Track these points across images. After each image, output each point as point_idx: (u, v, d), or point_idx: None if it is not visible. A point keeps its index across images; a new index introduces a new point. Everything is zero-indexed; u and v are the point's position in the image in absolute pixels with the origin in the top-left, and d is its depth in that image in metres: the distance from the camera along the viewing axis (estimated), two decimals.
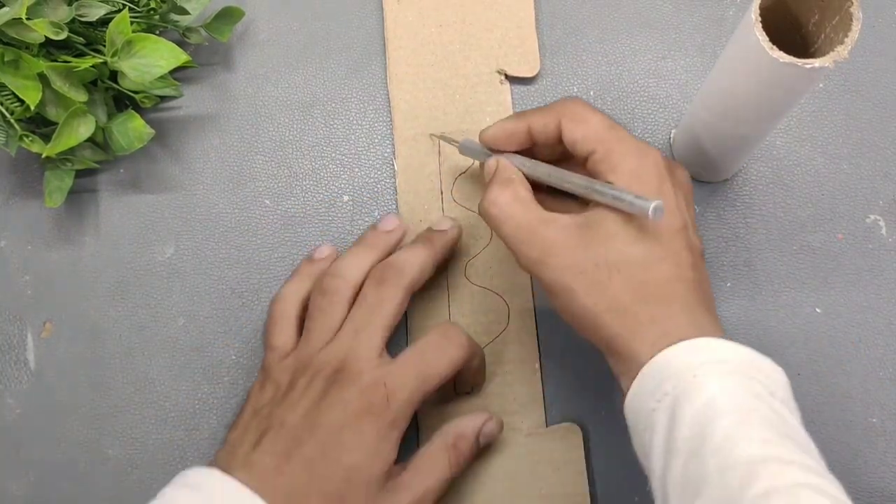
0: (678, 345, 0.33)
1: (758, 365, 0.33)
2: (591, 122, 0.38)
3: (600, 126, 0.38)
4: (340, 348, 0.39)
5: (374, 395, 0.38)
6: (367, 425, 0.37)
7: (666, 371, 0.33)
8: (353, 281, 0.42)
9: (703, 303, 0.35)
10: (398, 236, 0.44)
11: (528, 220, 0.38)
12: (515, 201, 0.38)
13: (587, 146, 0.38)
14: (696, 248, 0.37)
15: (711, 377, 0.32)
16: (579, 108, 0.39)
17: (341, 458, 0.37)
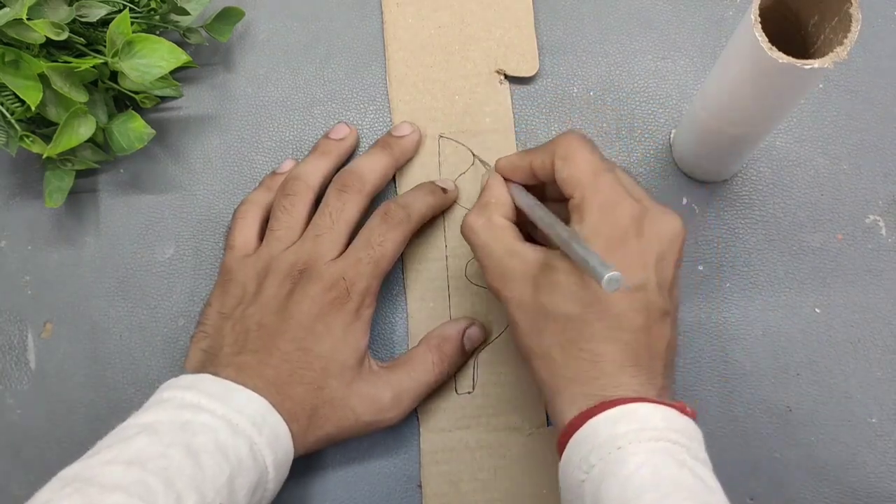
0: (605, 413, 0.33)
1: (679, 427, 0.33)
2: (577, 163, 0.37)
3: (584, 169, 0.37)
4: (304, 251, 0.42)
5: (336, 290, 0.40)
6: (333, 317, 0.40)
7: (592, 441, 0.33)
8: (313, 184, 0.44)
9: (639, 364, 0.35)
10: (350, 143, 0.47)
11: (495, 249, 0.38)
12: (488, 228, 0.39)
13: (568, 189, 0.38)
14: (657, 309, 0.36)
15: (634, 448, 0.32)
16: (571, 146, 0.38)
17: (314, 348, 0.40)
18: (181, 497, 0.32)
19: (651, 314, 0.36)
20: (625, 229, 0.36)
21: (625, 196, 0.37)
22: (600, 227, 0.36)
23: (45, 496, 0.32)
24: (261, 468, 0.36)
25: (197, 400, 0.36)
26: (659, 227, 0.37)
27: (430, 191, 0.44)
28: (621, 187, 0.37)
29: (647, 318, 0.35)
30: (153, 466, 0.33)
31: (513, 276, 0.37)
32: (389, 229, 0.42)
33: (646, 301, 0.35)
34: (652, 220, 0.37)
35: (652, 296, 0.36)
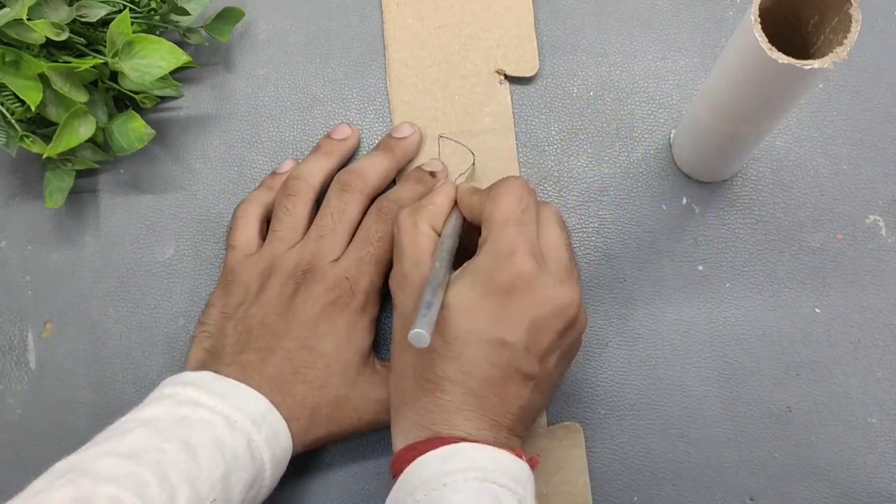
0: (437, 451, 0.34)
1: (506, 469, 0.34)
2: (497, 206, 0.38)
3: (499, 213, 0.38)
4: (307, 251, 0.42)
5: (339, 289, 0.41)
6: (337, 316, 0.40)
7: (419, 476, 0.34)
8: (315, 184, 0.44)
9: (484, 414, 0.35)
10: (352, 143, 0.47)
11: (406, 254, 0.39)
12: (411, 231, 0.39)
13: (483, 227, 0.38)
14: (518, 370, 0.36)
15: (459, 486, 0.32)
16: (504, 189, 0.38)
17: (318, 346, 0.40)
18: (174, 490, 0.32)
19: (508, 373, 0.36)
20: (507, 284, 0.36)
21: (522, 253, 0.36)
22: (484, 271, 0.36)
23: (39, 486, 0.32)
24: (258, 465, 0.36)
25: (197, 396, 0.36)
26: (545, 295, 0.36)
27: (417, 180, 0.45)
28: (525, 245, 0.36)
29: (504, 375, 0.36)
30: (148, 460, 0.33)
31: (408, 286, 0.38)
32: (385, 224, 0.42)
33: (507, 359, 0.36)
34: (543, 285, 0.36)
35: (515, 356, 0.36)
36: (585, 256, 0.46)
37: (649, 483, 0.43)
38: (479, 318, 0.36)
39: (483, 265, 0.36)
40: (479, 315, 0.36)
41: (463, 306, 0.36)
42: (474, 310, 0.36)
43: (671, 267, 0.45)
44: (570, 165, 0.47)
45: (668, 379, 0.44)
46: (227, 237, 0.45)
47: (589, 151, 0.47)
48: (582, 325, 0.38)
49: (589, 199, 0.46)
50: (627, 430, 0.44)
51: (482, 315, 0.36)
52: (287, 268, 0.41)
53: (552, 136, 0.47)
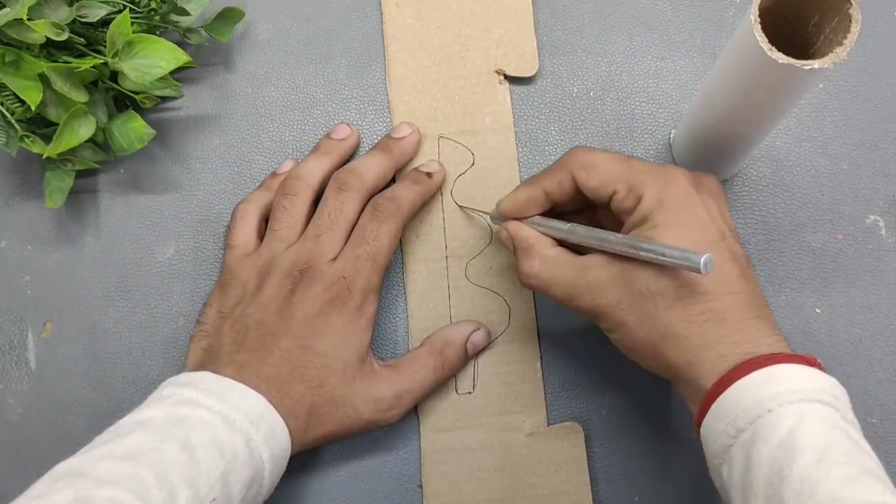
0: (749, 377, 0.32)
1: (824, 387, 0.33)
2: (603, 163, 0.38)
3: (613, 164, 0.38)
4: (305, 250, 0.42)
5: (336, 288, 0.41)
6: (335, 315, 0.40)
7: (737, 406, 0.32)
8: (313, 183, 0.44)
9: (756, 314, 0.35)
10: (352, 143, 0.47)
11: (567, 276, 0.38)
12: (546, 265, 0.39)
13: (606, 188, 0.37)
14: (740, 256, 0.36)
15: (785, 411, 0.31)
16: (587, 154, 0.38)
17: (316, 346, 0.40)
18: (174, 491, 0.32)
19: (739, 260, 0.36)
20: (686, 190, 0.36)
21: (666, 167, 0.37)
22: (664, 197, 0.36)
23: (39, 490, 0.32)
24: (257, 464, 0.36)
25: (195, 396, 0.36)
26: (708, 182, 0.38)
27: (414, 179, 0.45)
28: (654, 164, 0.38)
29: (738, 265, 0.36)
30: (147, 461, 0.33)
31: (600, 285, 0.37)
32: (381, 223, 0.42)
33: (730, 249, 0.36)
34: (699, 178, 0.38)
35: (731, 243, 0.36)
36: None
37: (650, 483, 0.43)
38: (693, 230, 0.35)
39: (655, 193, 0.36)
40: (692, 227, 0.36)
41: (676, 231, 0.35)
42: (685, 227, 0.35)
43: None
44: None
45: None
46: (226, 236, 0.45)
47: None
48: None
49: None
50: (629, 430, 0.44)
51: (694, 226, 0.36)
52: (285, 267, 0.41)
53: (552, 136, 0.47)
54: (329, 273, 0.41)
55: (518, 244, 0.40)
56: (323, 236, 0.42)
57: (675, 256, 0.33)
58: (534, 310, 0.45)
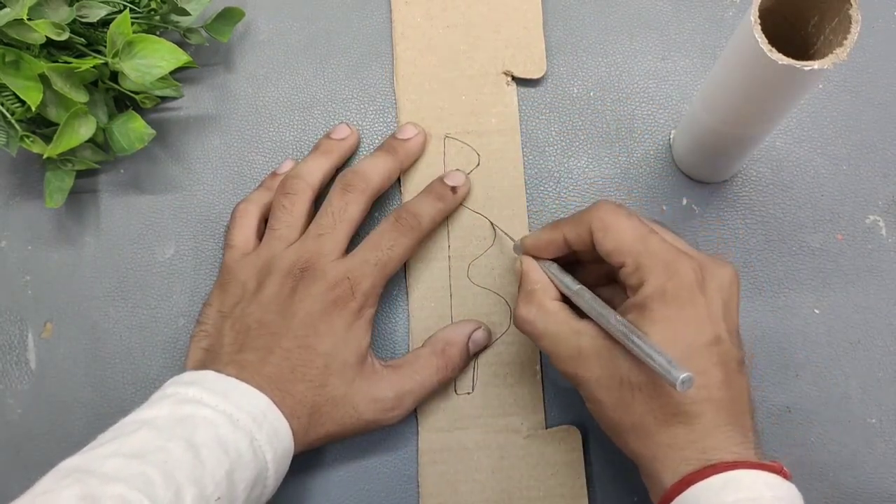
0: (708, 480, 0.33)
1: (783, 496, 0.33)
2: (621, 231, 0.37)
3: (629, 236, 0.36)
4: (305, 249, 0.42)
5: (339, 289, 0.41)
6: (336, 316, 0.40)
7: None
8: (313, 183, 0.44)
9: (731, 421, 0.34)
10: (351, 143, 0.47)
11: (559, 334, 0.37)
12: (543, 316, 0.38)
13: (617, 258, 0.37)
14: (733, 359, 0.35)
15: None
16: (609, 215, 0.37)
17: (317, 346, 0.40)
18: (180, 489, 0.32)
19: (729, 366, 0.35)
20: (689, 286, 0.35)
21: (679, 253, 0.36)
22: (666, 289, 0.35)
23: (46, 485, 0.32)
24: (260, 463, 0.36)
25: (199, 395, 0.36)
26: (719, 277, 0.36)
27: (438, 196, 0.44)
28: (671, 246, 0.36)
29: (727, 371, 0.35)
30: (153, 459, 0.33)
31: (586, 355, 0.36)
32: (400, 235, 0.42)
33: (723, 354, 0.35)
34: (711, 271, 0.36)
35: (726, 347, 0.35)
36: None
37: None
38: (689, 330, 0.35)
39: (658, 283, 0.35)
40: (686, 327, 0.35)
41: (666, 326, 0.35)
42: (681, 325, 0.35)
43: None
44: (571, 165, 0.47)
45: None
46: (226, 236, 0.45)
47: (589, 151, 0.47)
48: None
49: (589, 199, 0.46)
50: None
51: (690, 325, 0.35)
52: (285, 266, 0.41)
53: (552, 137, 0.47)
54: (332, 272, 0.41)
55: (524, 285, 0.40)
56: (325, 236, 0.42)
57: (658, 363, 0.33)
58: None
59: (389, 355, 0.45)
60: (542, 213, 0.46)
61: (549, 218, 0.46)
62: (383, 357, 0.45)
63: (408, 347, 0.45)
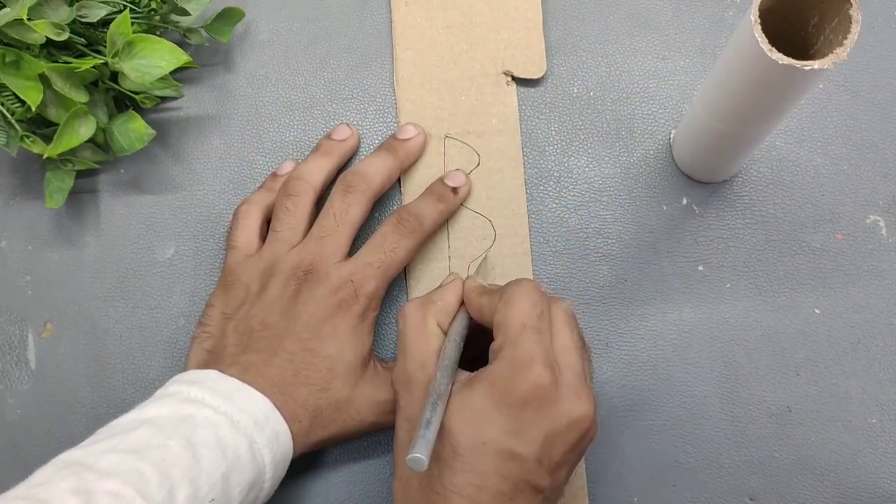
0: None
1: None
2: (512, 311, 0.36)
3: (514, 318, 0.36)
4: (308, 251, 0.42)
5: (343, 292, 0.40)
6: (339, 319, 0.40)
7: None
8: (315, 184, 0.44)
9: None
10: (352, 144, 0.47)
11: (412, 352, 0.38)
12: (418, 328, 0.38)
13: (496, 332, 0.37)
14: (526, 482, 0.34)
15: None
16: (516, 293, 0.37)
17: (320, 349, 0.40)
18: (174, 487, 0.32)
19: (519, 486, 0.34)
20: (523, 395, 0.34)
21: (539, 363, 0.35)
22: (501, 381, 0.34)
23: (42, 477, 0.32)
24: (258, 467, 0.36)
25: (200, 395, 0.36)
26: (561, 408, 0.35)
27: (439, 197, 0.44)
28: (542, 353, 0.35)
29: (514, 489, 0.34)
30: (150, 456, 0.33)
31: (413, 388, 0.37)
32: (402, 237, 0.42)
33: (518, 472, 0.34)
34: (557, 398, 0.35)
35: (527, 469, 0.34)
36: (586, 257, 0.46)
37: (649, 484, 0.43)
38: (493, 429, 0.34)
39: (500, 373, 0.35)
40: (493, 426, 0.34)
41: (477, 415, 0.34)
42: (488, 420, 0.34)
43: (671, 267, 0.45)
44: (571, 165, 0.47)
45: (668, 379, 0.44)
46: (228, 238, 0.45)
47: (589, 151, 0.47)
48: (593, 436, 0.36)
49: (589, 199, 0.46)
50: (627, 431, 0.44)
51: (496, 426, 0.34)
52: (288, 268, 0.41)
53: (552, 136, 0.47)
54: (336, 275, 0.41)
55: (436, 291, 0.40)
56: (327, 238, 0.42)
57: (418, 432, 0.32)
58: None
59: (390, 356, 0.45)
60: (542, 213, 0.46)
61: (549, 218, 0.46)
62: (384, 358, 0.45)
63: None
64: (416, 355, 0.38)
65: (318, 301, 0.40)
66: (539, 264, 0.46)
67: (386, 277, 0.42)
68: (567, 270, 0.45)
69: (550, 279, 0.45)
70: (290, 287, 0.41)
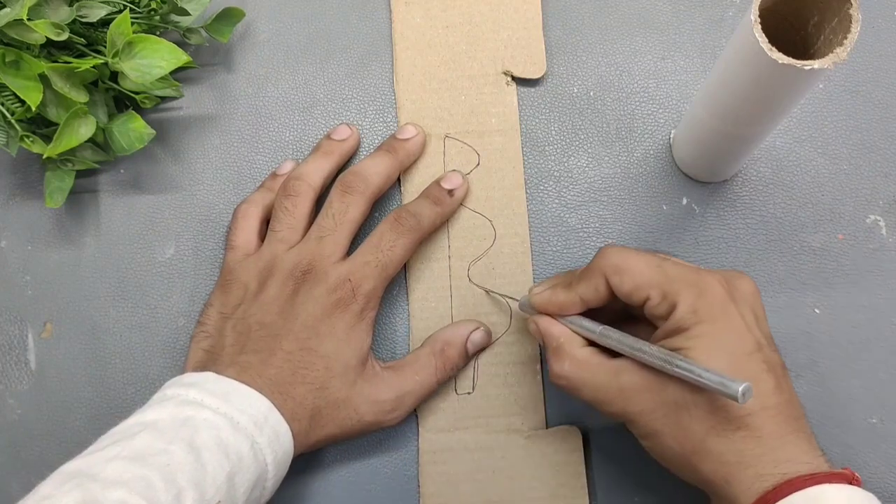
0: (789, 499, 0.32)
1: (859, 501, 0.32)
2: (636, 268, 0.36)
3: (646, 269, 0.36)
4: (307, 251, 0.42)
5: (341, 291, 0.41)
6: (337, 318, 0.40)
7: None
8: (315, 184, 0.44)
9: (792, 428, 0.34)
10: (352, 144, 0.47)
11: (597, 379, 0.37)
12: (577, 367, 0.37)
13: (640, 294, 0.36)
14: (776, 366, 0.35)
15: None
16: (619, 258, 0.37)
17: (318, 348, 0.40)
18: (181, 493, 0.32)
19: (775, 370, 0.35)
20: (721, 302, 0.35)
21: (701, 272, 0.36)
22: (698, 307, 0.35)
23: (46, 490, 0.32)
24: (261, 467, 0.36)
25: (200, 397, 0.36)
26: (743, 289, 0.36)
27: (435, 200, 0.44)
28: (688, 268, 0.36)
29: (775, 376, 0.34)
30: (154, 462, 0.33)
31: (631, 391, 0.36)
32: (400, 236, 0.42)
33: (766, 359, 0.35)
34: (734, 284, 0.36)
35: (768, 353, 0.35)
36: (586, 257, 0.46)
37: (650, 484, 0.43)
38: (729, 341, 0.34)
39: (689, 303, 0.35)
40: (726, 339, 0.34)
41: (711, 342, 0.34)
42: (720, 338, 0.34)
43: None
44: (571, 165, 0.47)
45: None
46: (227, 237, 0.45)
47: (589, 151, 0.47)
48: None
49: (589, 199, 0.46)
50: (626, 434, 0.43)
51: (730, 336, 0.35)
52: (287, 268, 0.41)
53: (552, 136, 0.47)
54: (334, 275, 0.41)
55: (548, 342, 0.39)
56: (326, 238, 0.42)
57: (712, 381, 0.32)
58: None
59: (389, 356, 0.45)
60: (542, 213, 0.46)
61: (549, 218, 0.46)
62: (383, 358, 0.45)
63: (408, 347, 0.45)
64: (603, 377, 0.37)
65: (316, 300, 0.40)
66: (539, 264, 0.46)
67: (384, 276, 0.42)
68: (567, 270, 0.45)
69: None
70: (288, 287, 0.41)
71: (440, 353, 0.42)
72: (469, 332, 0.43)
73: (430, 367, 0.42)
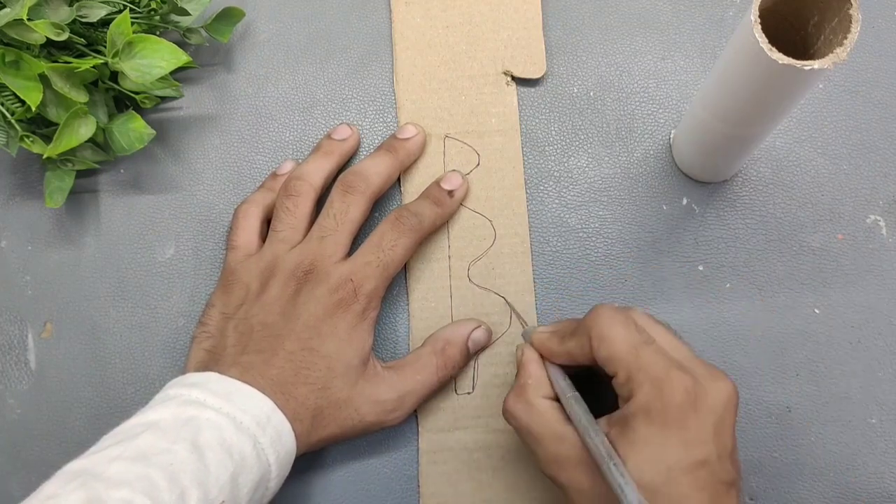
0: None
1: None
2: (614, 341, 0.35)
3: (622, 346, 0.35)
4: (308, 252, 0.42)
5: (343, 291, 0.41)
6: (339, 318, 0.40)
7: None
8: (316, 184, 0.44)
9: None
10: (352, 144, 0.47)
11: (541, 434, 0.36)
12: (529, 412, 0.37)
13: (610, 367, 0.35)
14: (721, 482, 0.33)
15: None
16: (604, 324, 0.36)
17: (320, 348, 0.40)
18: (185, 493, 0.32)
19: (716, 489, 0.33)
20: (679, 405, 0.33)
21: (671, 368, 0.34)
22: (652, 406, 0.34)
23: (51, 489, 0.32)
24: (264, 467, 0.36)
25: (202, 397, 0.36)
26: (713, 396, 0.34)
27: (435, 201, 0.44)
28: (665, 359, 0.35)
29: (713, 495, 0.33)
30: (158, 462, 0.33)
31: (566, 462, 0.35)
32: (401, 235, 0.42)
33: (709, 477, 0.33)
34: (704, 388, 0.34)
35: (715, 469, 0.33)
36: (586, 257, 0.46)
37: None
38: (672, 452, 0.33)
39: (647, 398, 0.34)
40: (668, 449, 0.33)
41: (651, 449, 0.33)
42: (664, 447, 0.33)
43: (671, 267, 0.45)
44: (571, 165, 0.47)
45: None
46: (228, 237, 0.45)
47: (589, 151, 0.47)
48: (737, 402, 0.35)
49: (589, 199, 0.46)
50: None
51: (672, 448, 0.33)
52: (288, 268, 0.41)
53: (552, 136, 0.47)
54: (335, 274, 0.41)
55: (519, 376, 0.39)
56: (327, 238, 0.42)
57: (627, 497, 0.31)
58: (535, 312, 0.45)
59: (390, 355, 0.45)
60: (542, 213, 0.46)
61: (549, 218, 0.46)
62: (384, 357, 0.45)
63: (408, 347, 0.45)
64: (546, 434, 0.36)
65: (318, 300, 0.40)
66: (539, 264, 0.46)
67: (385, 276, 0.42)
68: (567, 270, 0.45)
69: (550, 279, 0.45)
70: (289, 287, 0.41)
71: (441, 352, 0.42)
72: (470, 331, 0.43)
73: (432, 367, 0.42)
